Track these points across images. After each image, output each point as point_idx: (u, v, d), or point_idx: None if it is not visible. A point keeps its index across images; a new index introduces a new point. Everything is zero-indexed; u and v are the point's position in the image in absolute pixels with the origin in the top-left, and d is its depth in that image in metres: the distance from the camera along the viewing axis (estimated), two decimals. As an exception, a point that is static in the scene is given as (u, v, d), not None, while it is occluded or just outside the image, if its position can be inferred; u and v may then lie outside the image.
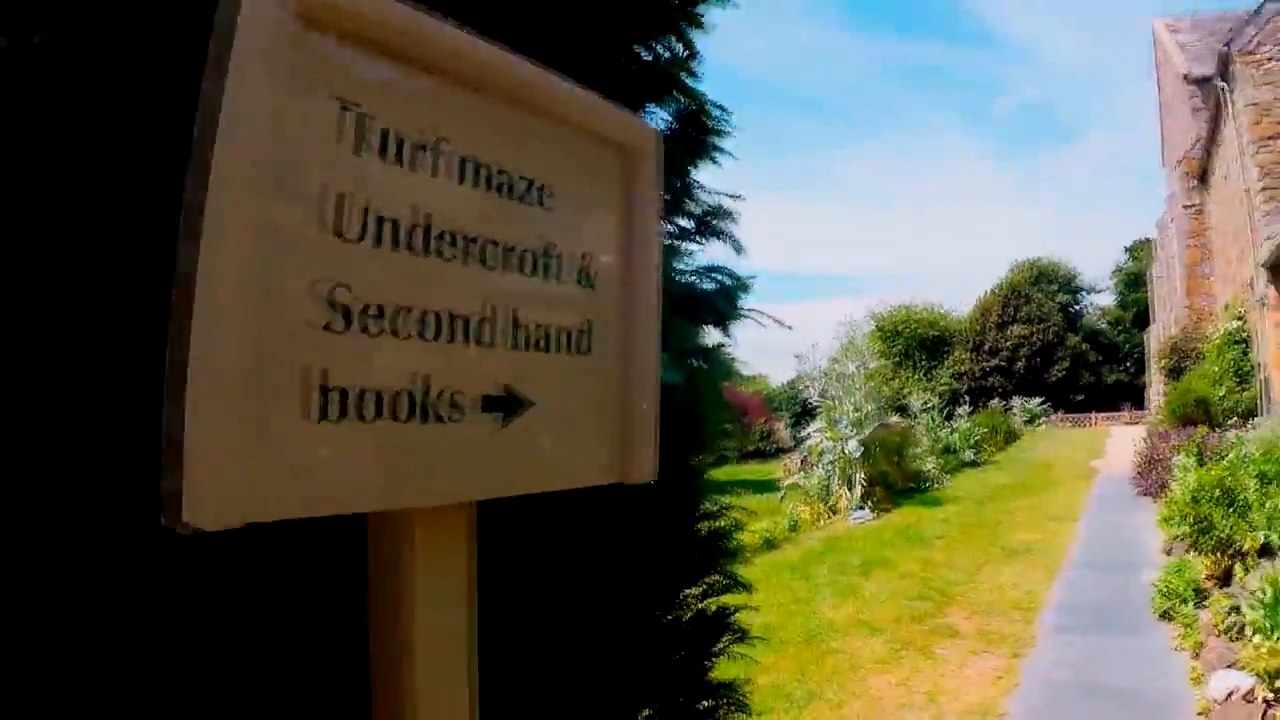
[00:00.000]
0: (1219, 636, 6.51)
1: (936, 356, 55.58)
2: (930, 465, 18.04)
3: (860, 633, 7.34)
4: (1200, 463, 11.33)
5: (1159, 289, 34.87)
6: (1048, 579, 9.04)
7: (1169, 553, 9.65)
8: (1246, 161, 17.59)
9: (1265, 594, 5.48)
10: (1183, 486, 10.92)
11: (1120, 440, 25.90)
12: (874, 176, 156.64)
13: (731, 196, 2.44)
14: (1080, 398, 51.61)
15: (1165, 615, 7.38)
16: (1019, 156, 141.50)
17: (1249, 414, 17.13)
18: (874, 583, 9.25)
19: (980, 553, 10.50)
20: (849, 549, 11.36)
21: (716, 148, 2.34)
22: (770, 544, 12.22)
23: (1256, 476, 8.22)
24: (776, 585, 9.52)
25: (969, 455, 21.58)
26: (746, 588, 2.40)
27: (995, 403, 34.53)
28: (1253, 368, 17.84)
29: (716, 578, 2.31)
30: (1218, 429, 16.71)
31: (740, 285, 2.50)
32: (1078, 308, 60.89)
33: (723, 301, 2.48)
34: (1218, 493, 8.27)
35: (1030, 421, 36.86)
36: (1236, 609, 6.40)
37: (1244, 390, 17.57)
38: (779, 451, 38.63)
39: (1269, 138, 16.91)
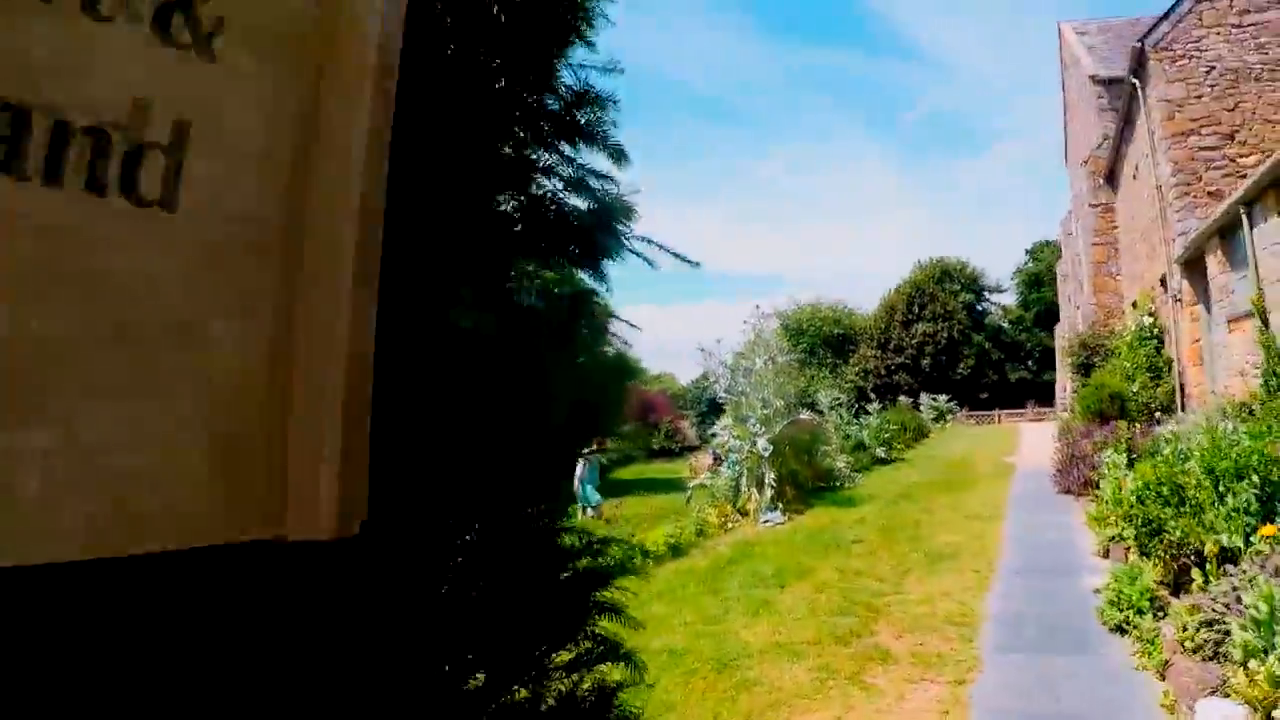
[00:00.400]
0: (1187, 654, 5.76)
1: (843, 354, 55.98)
2: (841, 463, 17.42)
3: (780, 657, 6.36)
4: (1130, 460, 10.84)
5: (1064, 287, 35.47)
6: (980, 587, 8.27)
7: (1106, 555, 9.05)
8: (1159, 158, 17.48)
9: (1260, 611, 4.69)
10: (1113, 484, 10.42)
11: (1030, 437, 25.99)
12: (784, 180, 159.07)
13: (608, 70, 1.71)
14: (985, 395, 52.65)
15: (1119, 629, 6.64)
16: (925, 163, 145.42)
17: (1164, 409, 17.03)
18: (791, 595, 8.32)
19: (903, 558, 9.72)
20: (761, 556, 10.46)
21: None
22: (677, 550, 11.26)
23: (1206, 472, 7.56)
24: (684, 600, 8.51)
25: (880, 452, 21.14)
26: (633, 666, 1.97)
27: (903, 399, 34.58)
28: (1166, 363, 17.79)
29: (598, 628, 1.88)
30: (1134, 424, 16.53)
31: (622, 208, 1.82)
32: (981, 307, 62.31)
33: (599, 229, 1.79)
34: (1167, 491, 7.60)
35: (939, 418, 37.13)
36: (1209, 624, 5.65)
37: (1158, 385, 17.48)
38: (686, 449, 38.00)
39: (1182, 134, 16.81)
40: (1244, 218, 11.83)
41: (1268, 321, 11.25)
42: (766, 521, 13.06)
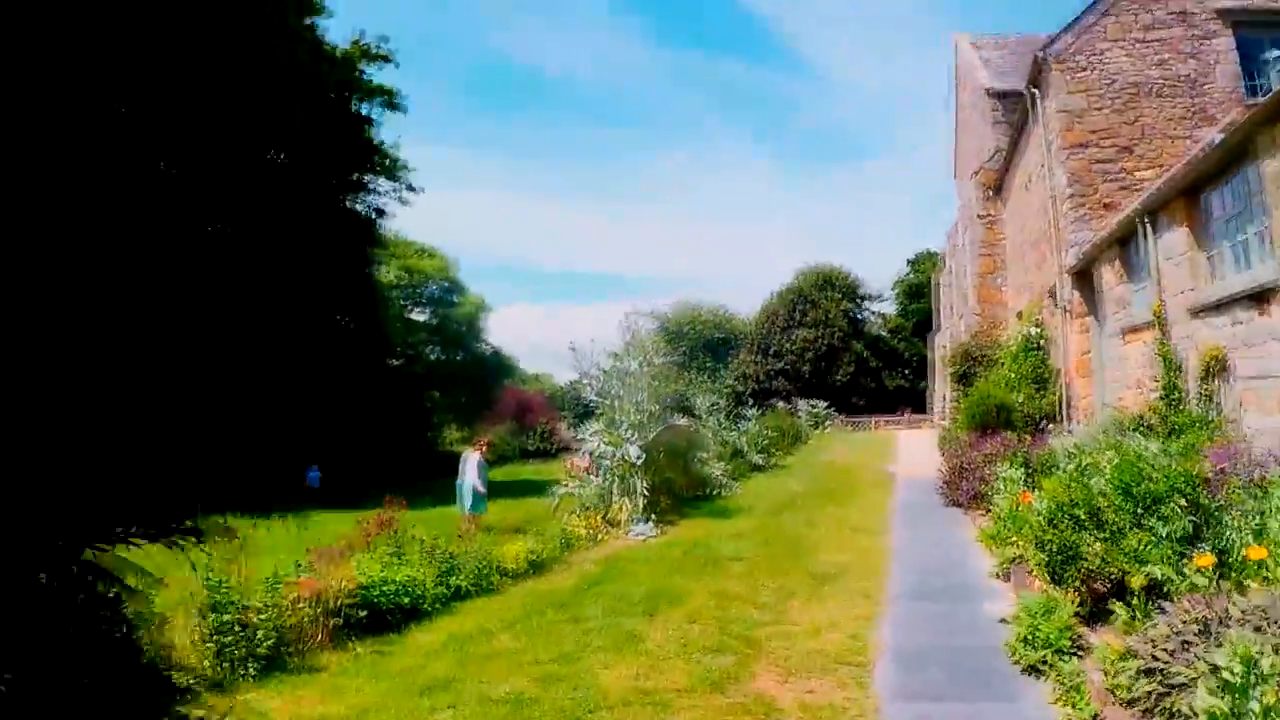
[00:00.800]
0: (1121, 705, 4.86)
1: (722, 358, 55.75)
2: (718, 471, 16.50)
3: (644, 711, 5.08)
4: (1029, 474, 10.16)
5: (945, 298, 35.92)
6: (872, 615, 7.26)
7: (1006, 578, 8.23)
8: (1055, 168, 17.25)
9: (1235, 673, 3.71)
10: (1010, 500, 9.72)
11: (909, 443, 25.87)
12: (672, 185, 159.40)
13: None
14: (862, 402, 53.34)
15: (1034, 669, 5.70)
16: (811, 173, 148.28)
17: (1049, 420, 16.79)
18: (660, 626, 7.08)
19: (785, 579, 8.66)
20: (630, 575, 9.26)
21: None
22: (538, 567, 9.95)
23: (1122, 493, 6.76)
24: (537, 630, 7.17)
25: (758, 459, 20.36)
26: None
27: (780, 405, 34.27)
28: (1052, 374, 17.59)
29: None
30: (1022, 436, 16.19)
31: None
32: (861, 315, 63.24)
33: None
34: (1082, 514, 6.75)
35: (817, 424, 37.04)
36: (1149, 672, 4.73)
37: (1043, 396, 17.25)
38: (561, 451, 36.69)
39: (1079, 145, 16.57)
40: (1146, 228, 11.38)
41: (1167, 333, 10.81)
42: (637, 534, 11.88)
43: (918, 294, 62.22)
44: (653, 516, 12.56)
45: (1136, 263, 12.57)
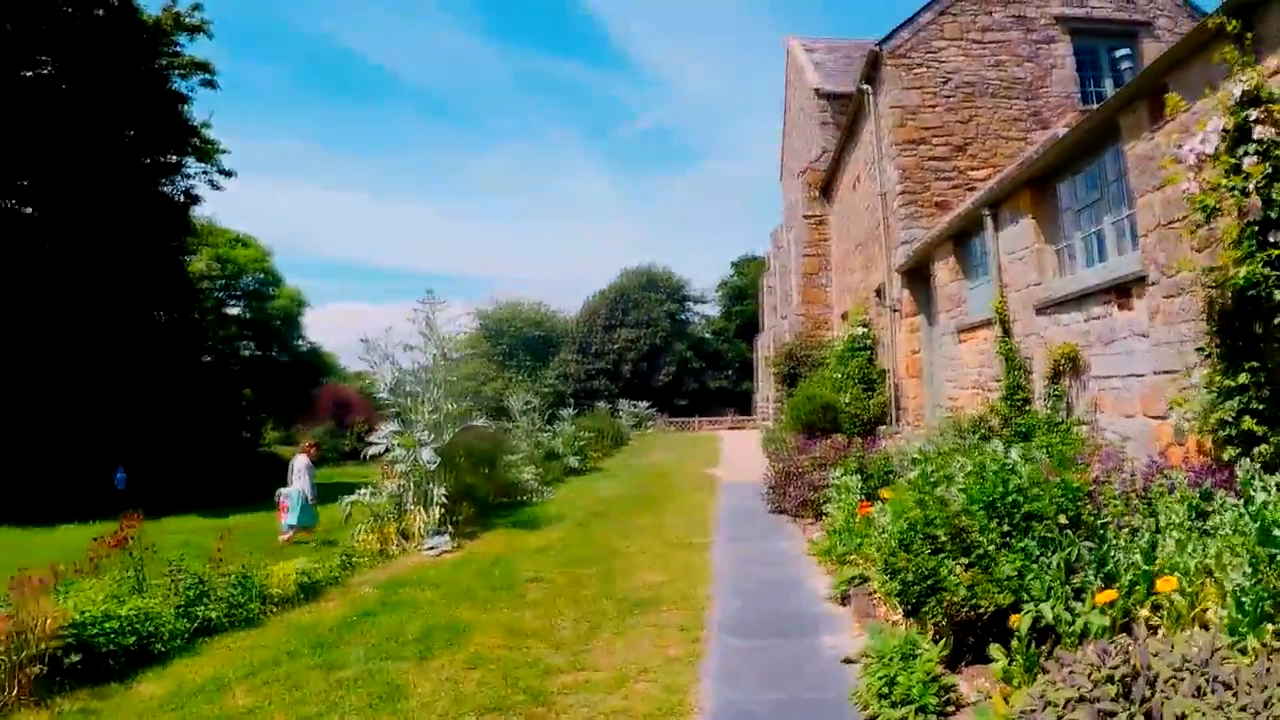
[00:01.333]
0: (1029, 808, 3.59)
1: (542, 357, 54.17)
2: (529, 475, 14.91)
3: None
4: (865, 480, 9.15)
5: (769, 299, 35.94)
6: (691, 658, 5.82)
7: (845, 602, 7.06)
8: (886, 165, 16.83)
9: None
10: (846, 511, 8.68)
11: (733, 445, 25.23)
12: (499, 183, 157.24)
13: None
14: (685, 403, 53.28)
15: (896, 733, 4.44)
16: (639, 177, 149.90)
17: (877, 421, 16.29)
18: (433, 675, 5.40)
19: (590, 607, 7.13)
20: (410, 604, 7.47)
21: None
22: (311, 591, 7.98)
23: (986, 509, 5.69)
24: (284, 681, 5.36)
25: (574, 462, 18.91)
26: None
27: (601, 405, 33.14)
28: (879, 375, 17.15)
29: None
30: (852, 438, 15.55)
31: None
32: (685, 316, 63.44)
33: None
34: (943, 536, 5.61)
35: (638, 425, 36.14)
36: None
37: (871, 397, 16.76)
38: (385, 451, 34.18)
39: (912, 141, 16.19)
40: (988, 220, 10.77)
41: (1010, 330, 10.19)
42: (431, 548, 10.04)
43: (741, 296, 63.12)
44: (451, 527, 10.76)
45: (974, 259, 12.04)
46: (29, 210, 22.15)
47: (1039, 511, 5.52)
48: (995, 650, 4.86)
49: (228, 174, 28.65)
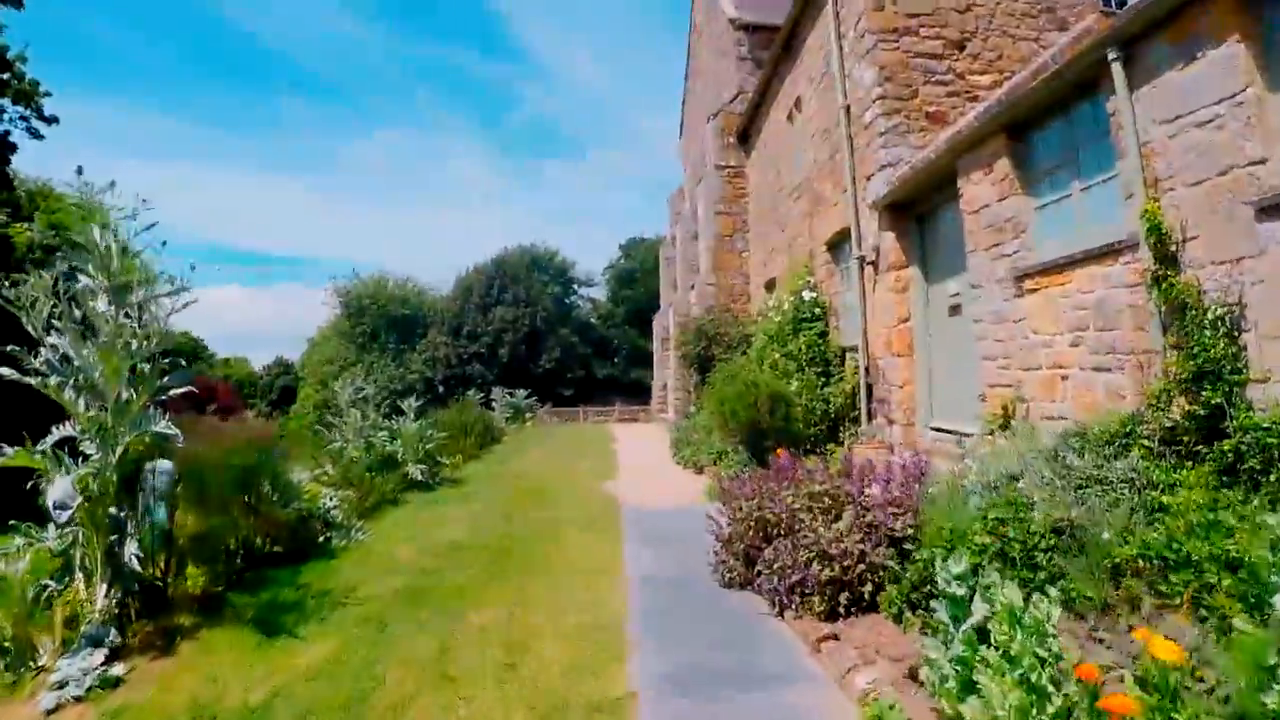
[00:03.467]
0: None
1: (410, 339, 47.63)
2: (331, 503, 9.50)
3: None
4: (1005, 565, 4.32)
5: (670, 271, 31.15)
6: None
7: None
8: (856, 66, 12.18)
9: None
10: (1002, 680, 3.70)
11: (630, 444, 20.19)
12: (383, 167, 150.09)
13: None
14: (570, 392, 48.11)
15: None
16: (526, 165, 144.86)
17: (842, 418, 11.65)
18: None
19: None
20: None
21: None
22: None
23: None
24: None
25: (418, 472, 13.38)
26: None
27: (471, 394, 27.45)
28: (836, 355, 12.51)
29: None
30: (827, 448, 10.85)
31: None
32: (571, 300, 58.20)
33: None
34: None
35: (516, 417, 30.61)
36: None
37: (826, 385, 12.10)
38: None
39: (894, 31, 11.56)
40: (1117, 69, 6.13)
41: (1176, 259, 5.57)
42: (60, 686, 4.64)
43: (630, 280, 58.41)
44: (130, 629, 5.38)
45: (1053, 156, 7.40)
46: None
47: None
48: None
49: (50, 120, 22.23)
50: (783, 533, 6.08)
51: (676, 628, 5.53)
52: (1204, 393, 5.02)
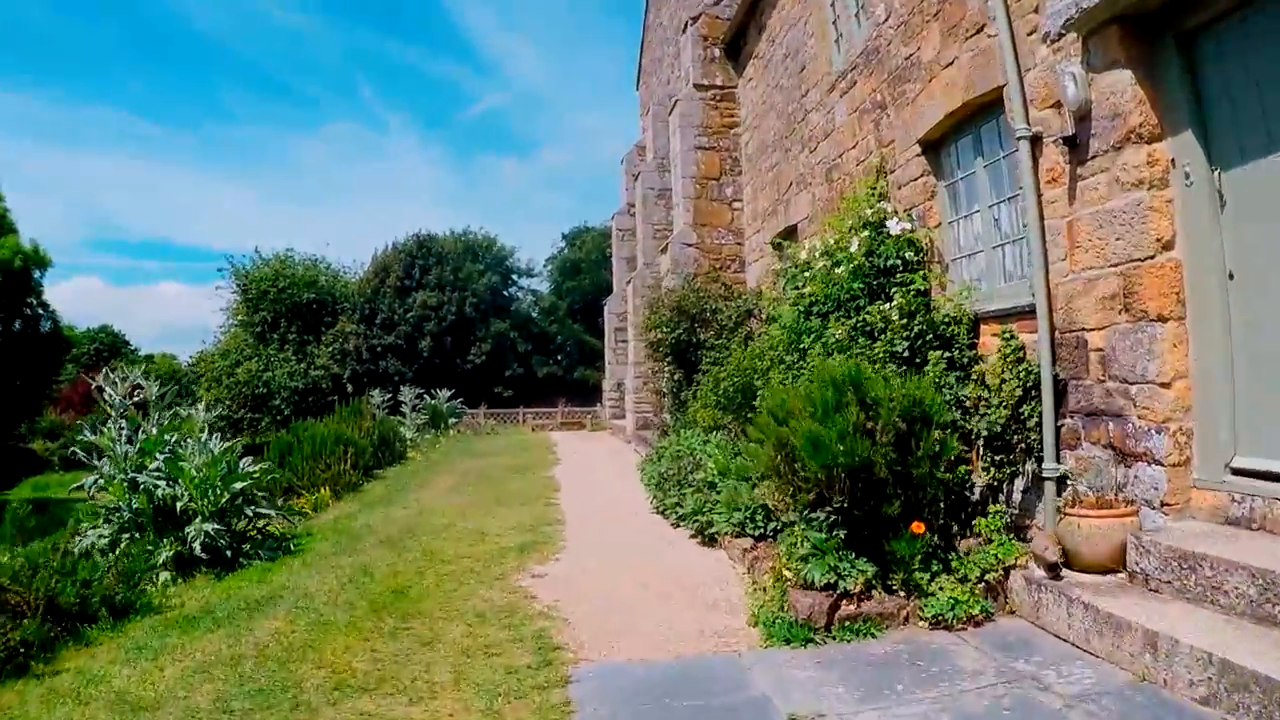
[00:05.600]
0: None
1: (316, 328, 40.42)
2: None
3: None
4: None
5: (624, 247, 25.23)
6: None
7: None
8: None
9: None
10: None
11: (576, 468, 14.09)
12: (324, 163, 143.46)
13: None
14: (509, 392, 41.90)
15: None
16: (472, 162, 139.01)
17: (997, 448, 5.90)
18: None
19: None
20: None
21: None
22: None
23: None
24: None
25: (208, 535, 7.27)
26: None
27: (376, 395, 20.93)
28: (964, 326, 6.78)
29: None
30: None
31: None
32: (510, 291, 51.77)
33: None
34: None
35: (432, 424, 24.21)
36: None
37: (963, 384, 6.35)
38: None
39: None
40: None
41: None
42: None
43: (575, 271, 52.33)
44: None
45: None
46: None
47: None
48: None
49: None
50: None
51: None
52: None
